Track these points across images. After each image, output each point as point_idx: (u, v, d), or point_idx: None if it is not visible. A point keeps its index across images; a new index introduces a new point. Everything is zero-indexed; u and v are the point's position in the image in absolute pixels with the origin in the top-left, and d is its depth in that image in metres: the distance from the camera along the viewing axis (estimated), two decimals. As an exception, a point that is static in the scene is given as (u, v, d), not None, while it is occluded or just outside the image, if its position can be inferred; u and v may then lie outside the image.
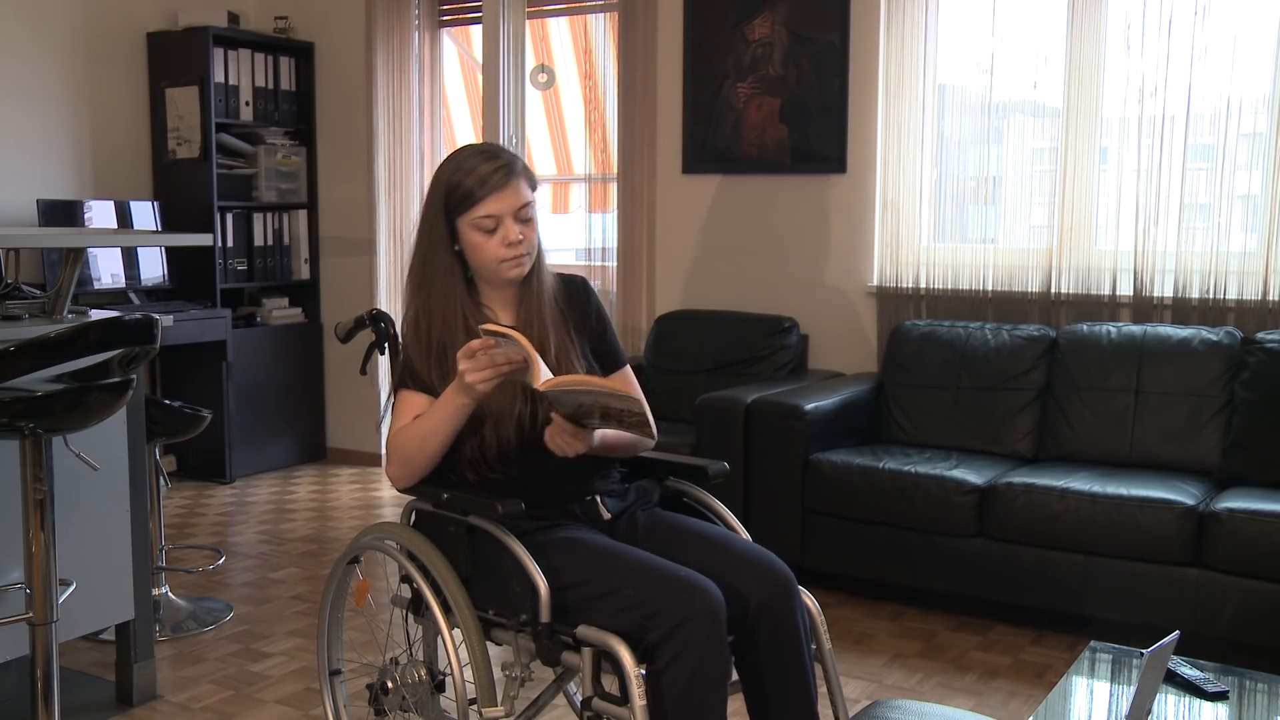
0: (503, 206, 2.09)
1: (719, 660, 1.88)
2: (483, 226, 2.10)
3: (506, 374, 1.97)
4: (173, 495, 5.10)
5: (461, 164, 2.12)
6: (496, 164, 2.11)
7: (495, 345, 1.94)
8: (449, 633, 2.06)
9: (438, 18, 5.43)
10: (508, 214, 2.10)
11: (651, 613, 1.86)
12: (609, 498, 2.19)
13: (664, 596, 1.87)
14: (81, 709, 2.95)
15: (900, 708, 2.12)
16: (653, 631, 1.85)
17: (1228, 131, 3.75)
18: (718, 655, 1.87)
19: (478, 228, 2.10)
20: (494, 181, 2.09)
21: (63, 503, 2.57)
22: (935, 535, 3.54)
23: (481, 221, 2.10)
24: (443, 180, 2.13)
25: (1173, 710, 2.03)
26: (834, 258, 4.50)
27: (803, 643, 2.01)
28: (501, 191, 2.09)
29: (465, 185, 2.10)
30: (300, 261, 5.69)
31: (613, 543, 2.05)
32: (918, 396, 4.03)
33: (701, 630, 1.84)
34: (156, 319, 2.44)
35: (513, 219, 2.11)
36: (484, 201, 2.09)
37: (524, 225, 2.12)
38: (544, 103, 6.07)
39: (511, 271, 2.13)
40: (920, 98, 4.26)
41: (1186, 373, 3.64)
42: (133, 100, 5.34)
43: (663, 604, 1.86)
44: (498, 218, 2.10)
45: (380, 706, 2.20)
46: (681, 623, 1.84)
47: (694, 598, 1.87)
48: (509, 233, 2.10)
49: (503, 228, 2.10)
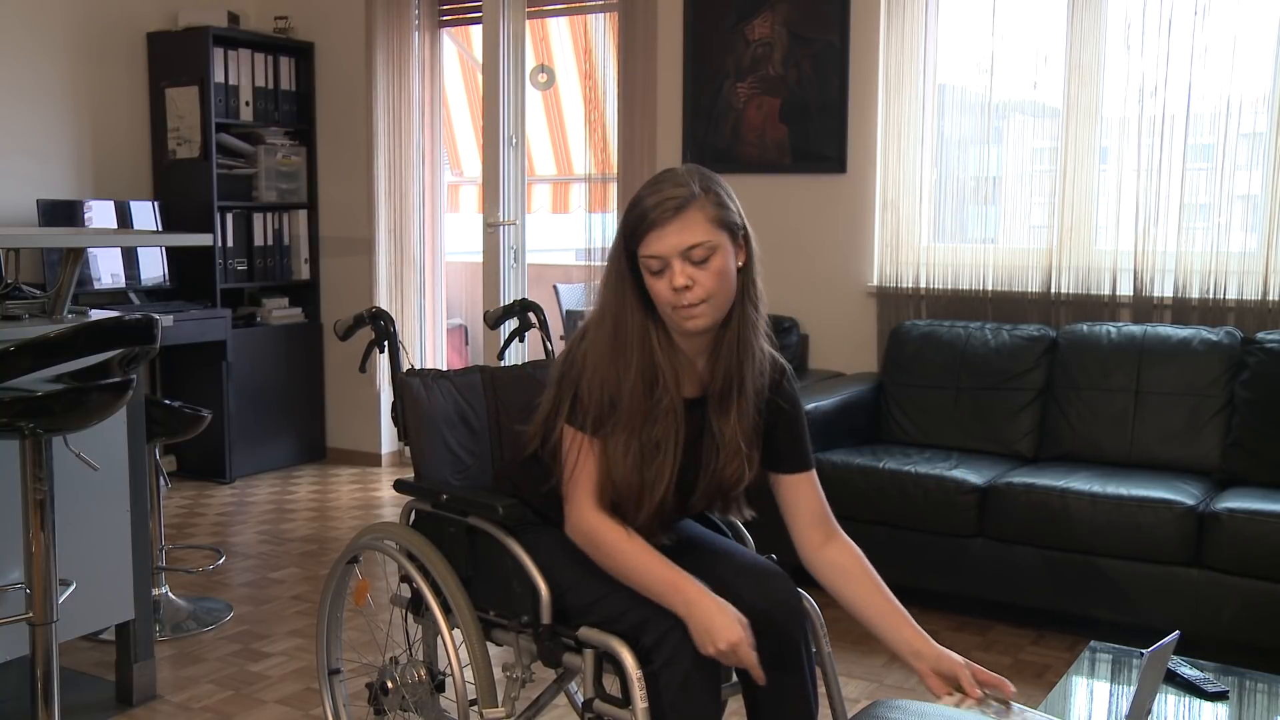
0: (664, 247, 1.84)
1: (712, 665, 1.87)
2: (649, 267, 1.87)
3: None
4: (173, 495, 5.09)
5: (644, 187, 1.89)
6: (663, 195, 1.85)
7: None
8: (449, 633, 2.06)
9: (438, 18, 5.43)
10: (673, 255, 1.84)
11: (645, 617, 1.86)
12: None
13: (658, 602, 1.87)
14: (81, 709, 2.95)
15: (900, 708, 2.12)
16: (647, 635, 1.85)
17: (1228, 131, 3.75)
18: (710, 660, 1.86)
19: (646, 267, 1.88)
20: (655, 216, 1.84)
21: (63, 503, 2.57)
22: (935, 535, 3.54)
23: (648, 261, 1.87)
24: (630, 201, 1.91)
25: (1173, 710, 2.03)
26: (834, 258, 4.50)
27: (804, 659, 2.00)
28: (663, 229, 1.84)
29: (634, 214, 1.87)
30: (300, 261, 5.69)
31: None
32: (918, 396, 4.03)
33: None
34: (156, 319, 2.44)
35: (681, 260, 1.84)
36: (646, 239, 1.85)
37: (697, 268, 1.85)
38: (544, 103, 6.07)
39: (686, 324, 1.88)
40: (920, 98, 4.26)
41: (1186, 373, 3.64)
42: (133, 100, 5.34)
43: (656, 609, 1.86)
44: (663, 259, 1.85)
45: (380, 706, 2.20)
46: (673, 627, 1.83)
47: None
48: (675, 277, 1.84)
49: (669, 271, 1.85)
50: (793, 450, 2.07)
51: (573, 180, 5.79)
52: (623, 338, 1.91)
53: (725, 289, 1.89)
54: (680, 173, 1.90)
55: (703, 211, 1.85)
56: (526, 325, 2.63)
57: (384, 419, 5.64)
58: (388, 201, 5.44)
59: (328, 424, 5.85)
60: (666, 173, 1.91)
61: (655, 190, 1.87)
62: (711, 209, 1.86)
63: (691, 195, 1.85)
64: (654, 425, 1.91)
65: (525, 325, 2.64)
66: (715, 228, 1.86)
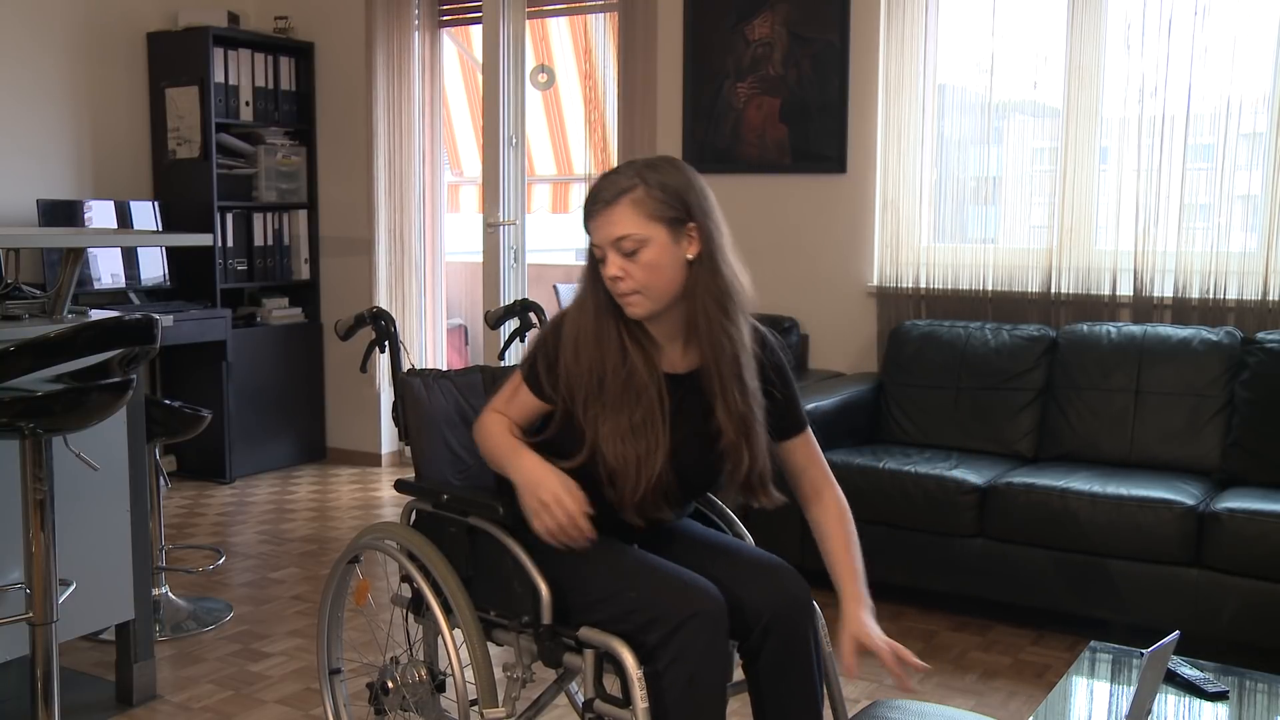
0: (598, 237, 1.92)
1: (718, 664, 1.87)
2: (594, 254, 1.94)
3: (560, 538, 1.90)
4: (173, 495, 5.09)
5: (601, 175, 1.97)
6: (601, 186, 1.92)
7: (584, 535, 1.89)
8: (449, 633, 2.06)
9: (438, 18, 5.43)
10: (606, 245, 1.92)
11: (651, 616, 1.85)
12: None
13: (663, 600, 1.87)
14: (81, 709, 2.95)
15: (900, 708, 2.12)
16: (652, 634, 1.84)
17: (1228, 131, 3.75)
18: (717, 659, 1.86)
19: (593, 254, 1.95)
20: (590, 207, 1.92)
21: (63, 503, 2.57)
22: (935, 535, 3.54)
23: (593, 249, 1.95)
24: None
25: (1173, 710, 2.03)
26: (834, 258, 4.50)
27: (812, 657, 2.00)
28: (595, 220, 1.92)
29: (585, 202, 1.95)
30: (300, 261, 5.69)
31: (614, 543, 2.02)
32: (918, 396, 4.03)
33: (700, 634, 1.83)
34: (156, 319, 2.44)
35: (614, 251, 1.91)
36: (588, 228, 1.94)
37: (628, 259, 1.90)
38: (544, 103, 6.07)
39: (626, 310, 1.95)
40: (920, 98, 4.26)
41: (1186, 373, 3.64)
42: (133, 100, 5.34)
43: (662, 607, 1.85)
44: (600, 248, 1.93)
45: (380, 706, 2.20)
46: (680, 626, 1.83)
47: (692, 601, 1.86)
48: (608, 267, 1.92)
49: (607, 260, 1.93)
50: (784, 415, 2.08)
51: (573, 180, 5.79)
52: (600, 320, 1.96)
53: (659, 281, 1.91)
54: (633, 164, 1.94)
55: (636, 205, 1.89)
56: (527, 325, 2.64)
57: (384, 419, 5.64)
58: (388, 201, 5.44)
59: (328, 424, 5.85)
60: (624, 164, 1.96)
61: (600, 181, 1.94)
62: (648, 202, 1.89)
63: (626, 188, 1.89)
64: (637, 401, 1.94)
65: (526, 325, 2.64)
66: (648, 220, 1.89)
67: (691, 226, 1.93)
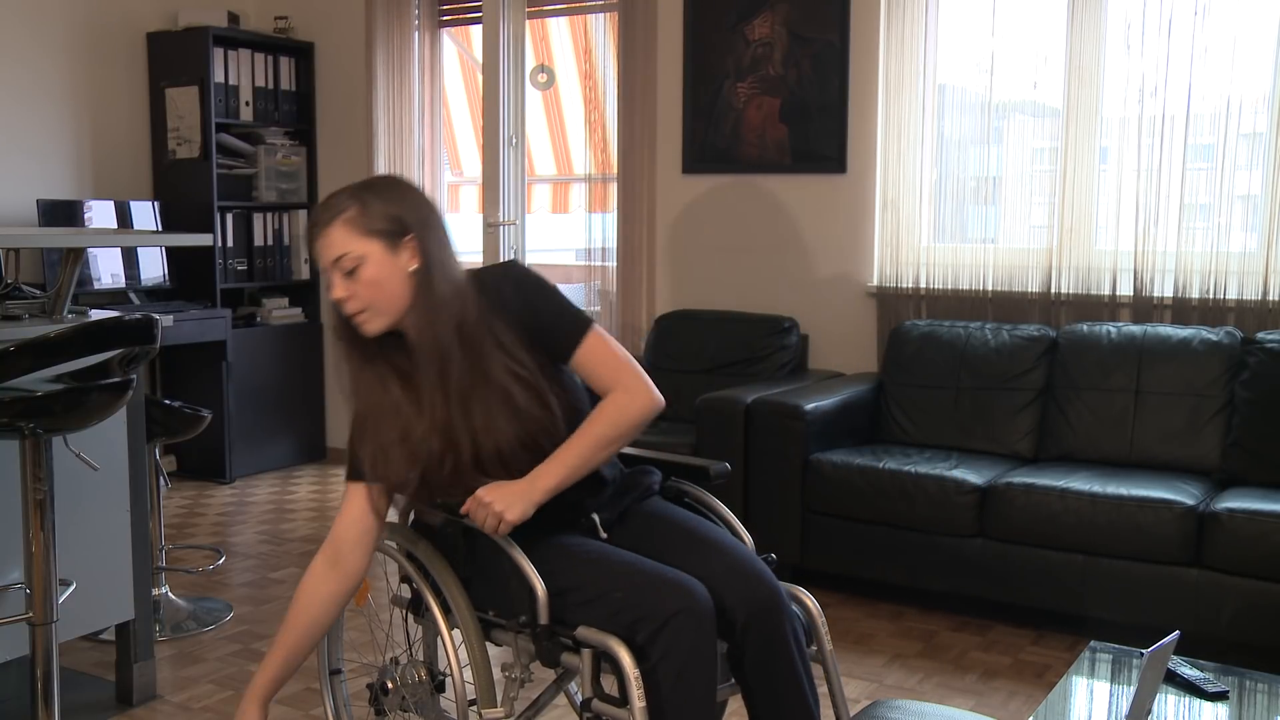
0: (320, 260, 1.95)
1: (706, 660, 1.87)
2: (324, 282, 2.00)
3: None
4: (173, 495, 5.10)
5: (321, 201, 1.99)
6: (316, 212, 1.95)
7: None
8: (449, 633, 2.06)
9: (438, 18, 5.43)
10: (328, 267, 1.94)
11: (638, 615, 1.86)
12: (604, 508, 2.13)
13: (650, 598, 1.87)
14: (81, 709, 2.95)
15: (900, 708, 2.12)
16: (640, 633, 1.85)
17: (1228, 131, 3.75)
18: (704, 655, 1.86)
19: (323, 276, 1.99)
20: (309, 233, 1.96)
21: (63, 503, 2.57)
22: (935, 535, 3.54)
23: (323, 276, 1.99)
24: None
25: (1173, 710, 2.03)
26: (834, 258, 4.50)
27: (795, 655, 1.99)
28: (314, 245, 1.95)
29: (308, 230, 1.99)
30: (300, 261, 5.69)
31: (604, 546, 2.04)
32: (918, 396, 4.03)
33: (686, 630, 1.84)
34: (156, 319, 2.44)
35: (336, 273, 1.94)
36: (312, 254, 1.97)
37: (350, 279, 1.93)
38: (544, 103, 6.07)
39: (363, 329, 1.98)
40: (920, 98, 4.26)
41: (1186, 373, 3.64)
42: (133, 100, 5.34)
43: (648, 606, 1.86)
44: (325, 271, 1.95)
45: (380, 706, 2.20)
46: (666, 623, 1.84)
47: (678, 598, 1.86)
48: (335, 288, 1.95)
49: (332, 283, 1.95)
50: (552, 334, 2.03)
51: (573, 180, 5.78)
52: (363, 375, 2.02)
53: (385, 295, 1.94)
54: (350, 187, 1.96)
55: (350, 223, 1.91)
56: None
57: (384, 419, 5.63)
58: (388, 201, 5.43)
59: (328, 424, 5.85)
60: (342, 188, 1.97)
61: (318, 206, 1.96)
62: (361, 219, 1.91)
63: (341, 209, 1.92)
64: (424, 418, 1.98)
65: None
66: (361, 237, 1.91)
67: (409, 239, 1.94)
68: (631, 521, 2.14)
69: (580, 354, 2.03)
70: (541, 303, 2.05)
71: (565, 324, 2.04)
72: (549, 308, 2.05)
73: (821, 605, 2.12)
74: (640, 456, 2.31)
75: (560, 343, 2.03)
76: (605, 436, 1.99)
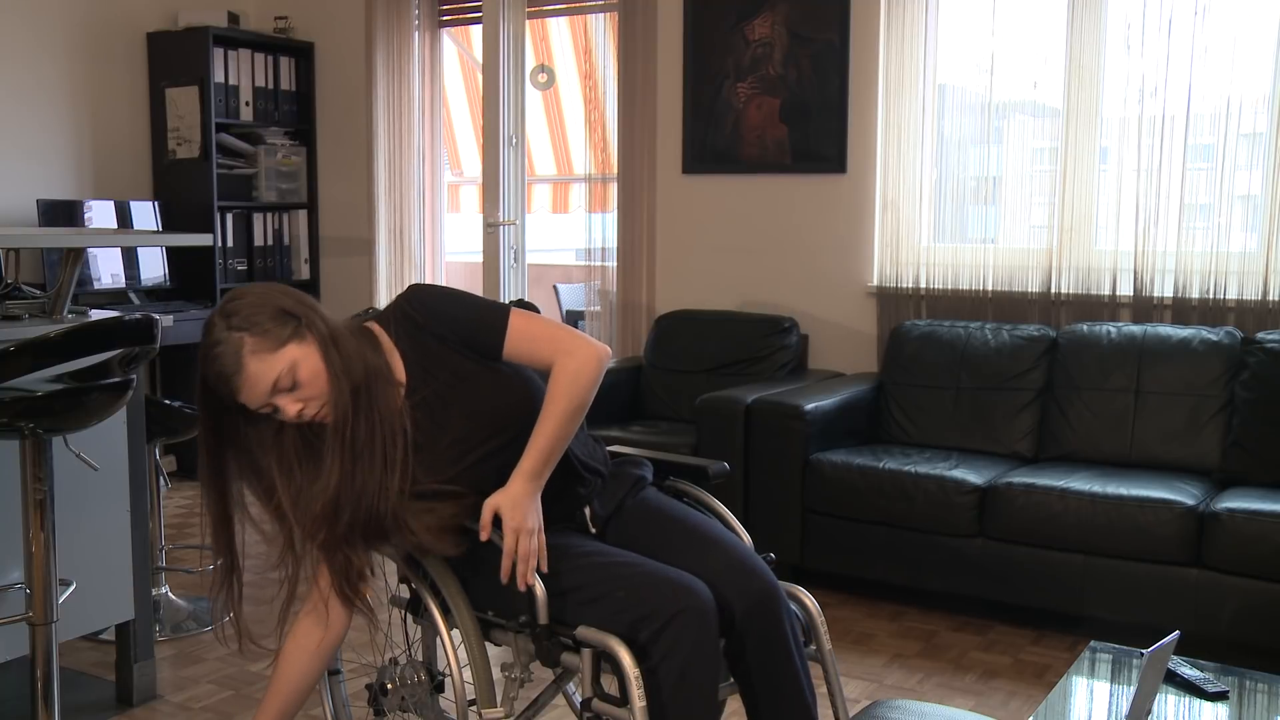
0: (255, 402, 1.86)
1: (709, 659, 1.88)
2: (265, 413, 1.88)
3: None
4: (173, 495, 5.09)
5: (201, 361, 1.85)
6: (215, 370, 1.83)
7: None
8: (448, 633, 2.06)
9: (438, 18, 5.43)
10: (267, 402, 1.86)
11: (641, 614, 1.86)
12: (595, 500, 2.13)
13: (652, 598, 1.87)
14: (81, 709, 2.95)
15: (900, 708, 2.12)
16: (642, 632, 1.85)
17: (1228, 131, 3.75)
18: (707, 654, 1.87)
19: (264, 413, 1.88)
20: (226, 389, 1.84)
21: (63, 503, 2.57)
22: (935, 535, 3.54)
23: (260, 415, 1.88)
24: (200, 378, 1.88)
25: (1173, 710, 2.03)
26: (834, 258, 4.50)
27: (793, 653, 1.99)
28: (241, 395, 1.84)
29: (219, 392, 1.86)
30: (300, 261, 5.69)
31: (603, 547, 2.04)
32: (918, 396, 4.03)
33: (689, 630, 1.84)
34: (156, 319, 2.44)
35: (279, 398, 1.86)
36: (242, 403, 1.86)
37: (295, 392, 1.85)
38: (544, 103, 6.07)
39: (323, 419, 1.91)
40: (920, 98, 4.26)
41: (1186, 373, 3.64)
42: (133, 100, 5.34)
43: (651, 605, 1.86)
44: (264, 408, 1.87)
45: (379, 707, 2.20)
46: (669, 622, 1.84)
47: (680, 597, 1.86)
48: (287, 413, 1.87)
49: (280, 411, 1.87)
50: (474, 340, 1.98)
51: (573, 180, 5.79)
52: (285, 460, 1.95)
53: (324, 382, 1.87)
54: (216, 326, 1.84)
55: (255, 354, 1.82)
56: None
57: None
58: (388, 201, 5.44)
59: (328, 424, 5.84)
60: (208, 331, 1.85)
61: (211, 364, 1.84)
62: (264, 340, 1.83)
63: (237, 348, 1.82)
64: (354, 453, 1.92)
65: None
66: (275, 352, 1.84)
67: (301, 327, 1.88)
68: (627, 517, 2.14)
69: (509, 344, 1.98)
70: (455, 311, 2.00)
71: (484, 323, 1.99)
72: (464, 314, 1.99)
73: (821, 605, 2.12)
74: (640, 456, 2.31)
75: (487, 342, 1.99)
76: (568, 408, 1.95)
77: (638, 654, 1.85)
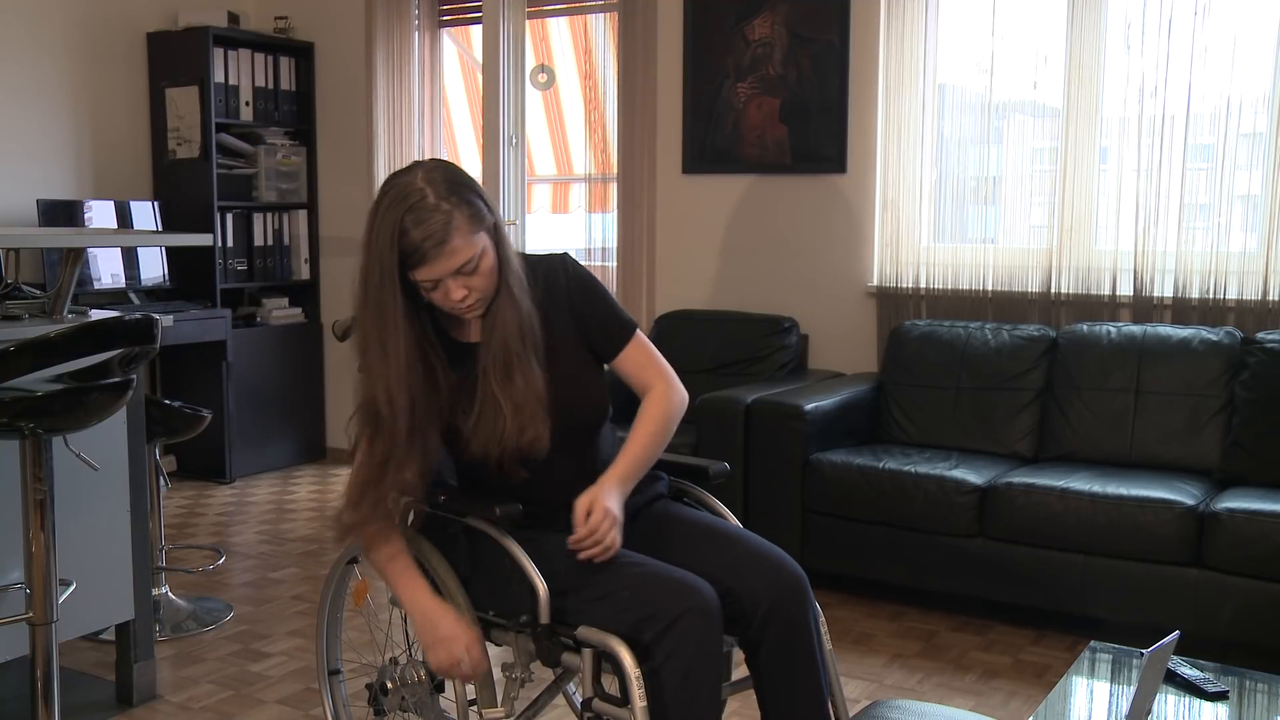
0: (437, 272, 1.91)
1: (713, 660, 1.88)
2: (425, 287, 1.94)
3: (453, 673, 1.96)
4: (173, 495, 5.10)
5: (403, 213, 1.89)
6: (426, 228, 1.88)
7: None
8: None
9: (438, 18, 5.43)
10: (445, 277, 1.93)
11: (646, 614, 1.86)
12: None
13: (657, 598, 1.88)
14: (81, 709, 2.95)
15: (900, 708, 2.12)
16: (646, 632, 1.86)
17: (1228, 131, 3.75)
18: (711, 655, 1.87)
19: (422, 286, 1.95)
20: (425, 249, 1.89)
21: (63, 503, 2.57)
22: (935, 535, 3.54)
23: (423, 284, 1.94)
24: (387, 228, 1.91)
25: (1173, 710, 2.03)
26: (834, 258, 4.50)
27: (814, 643, 2.02)
28: (434, 262, 1.90)
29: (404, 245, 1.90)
30: (300, 261, 5.69)
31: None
32: (918, 396, 4.03)
33: (694, 630, 1.84)
34: (156, 319, 2.44)
35: (453, 280, 1.93)
36: (419, 269, 1.91)
37: (470, 277, 1.94)
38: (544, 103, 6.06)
39: (467, 317, 2.02)
40: (920, 98, 4.26)
41: (1186, 373, 3.64)
42: (133, 100, 5.34)
43: (656, 605, 1.86)
44: (435, 280, 1.93)
45: (380, 707, 2.20)
46: (674, 622, 1.84)
47: (686, 597, 1.87)
48: (452, 291, 1.93)
49: (444, 286, 1.94)
50: (606, 327, 2.12)
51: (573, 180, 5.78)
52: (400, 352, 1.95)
53: (494, 279, 1.98)
54: (429, 192, 1.89)
55: (461, 231, 1.89)
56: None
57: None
58: (388, 201, 5.43)
59: (328, 424, 5.85)
60: (416, 193, 1.89)
61: (417, 221, 1.88)
62: (467, 222, 1.90)
63: (449, 220, 1.88)
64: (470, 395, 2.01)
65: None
66: (474, 234, 1.92)
67: (491, 221, 1.97)
68: (643, 523, 2.14)
69: (626, 353, 2.14)
70: (598, 296, 2.13)
71: (617, 321, 2.14)
72: (599, 310, 2.13)
73: (821, 605, 2.12)
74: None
75: (606, 345, 2.13)
76: (666, 428, 2.11)
77: (641, 654, 1.85)
